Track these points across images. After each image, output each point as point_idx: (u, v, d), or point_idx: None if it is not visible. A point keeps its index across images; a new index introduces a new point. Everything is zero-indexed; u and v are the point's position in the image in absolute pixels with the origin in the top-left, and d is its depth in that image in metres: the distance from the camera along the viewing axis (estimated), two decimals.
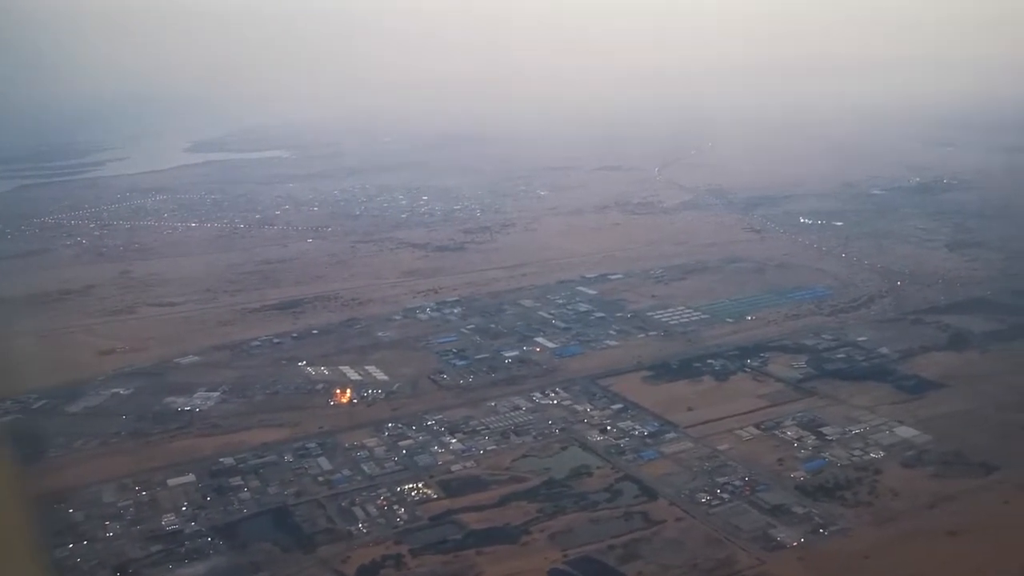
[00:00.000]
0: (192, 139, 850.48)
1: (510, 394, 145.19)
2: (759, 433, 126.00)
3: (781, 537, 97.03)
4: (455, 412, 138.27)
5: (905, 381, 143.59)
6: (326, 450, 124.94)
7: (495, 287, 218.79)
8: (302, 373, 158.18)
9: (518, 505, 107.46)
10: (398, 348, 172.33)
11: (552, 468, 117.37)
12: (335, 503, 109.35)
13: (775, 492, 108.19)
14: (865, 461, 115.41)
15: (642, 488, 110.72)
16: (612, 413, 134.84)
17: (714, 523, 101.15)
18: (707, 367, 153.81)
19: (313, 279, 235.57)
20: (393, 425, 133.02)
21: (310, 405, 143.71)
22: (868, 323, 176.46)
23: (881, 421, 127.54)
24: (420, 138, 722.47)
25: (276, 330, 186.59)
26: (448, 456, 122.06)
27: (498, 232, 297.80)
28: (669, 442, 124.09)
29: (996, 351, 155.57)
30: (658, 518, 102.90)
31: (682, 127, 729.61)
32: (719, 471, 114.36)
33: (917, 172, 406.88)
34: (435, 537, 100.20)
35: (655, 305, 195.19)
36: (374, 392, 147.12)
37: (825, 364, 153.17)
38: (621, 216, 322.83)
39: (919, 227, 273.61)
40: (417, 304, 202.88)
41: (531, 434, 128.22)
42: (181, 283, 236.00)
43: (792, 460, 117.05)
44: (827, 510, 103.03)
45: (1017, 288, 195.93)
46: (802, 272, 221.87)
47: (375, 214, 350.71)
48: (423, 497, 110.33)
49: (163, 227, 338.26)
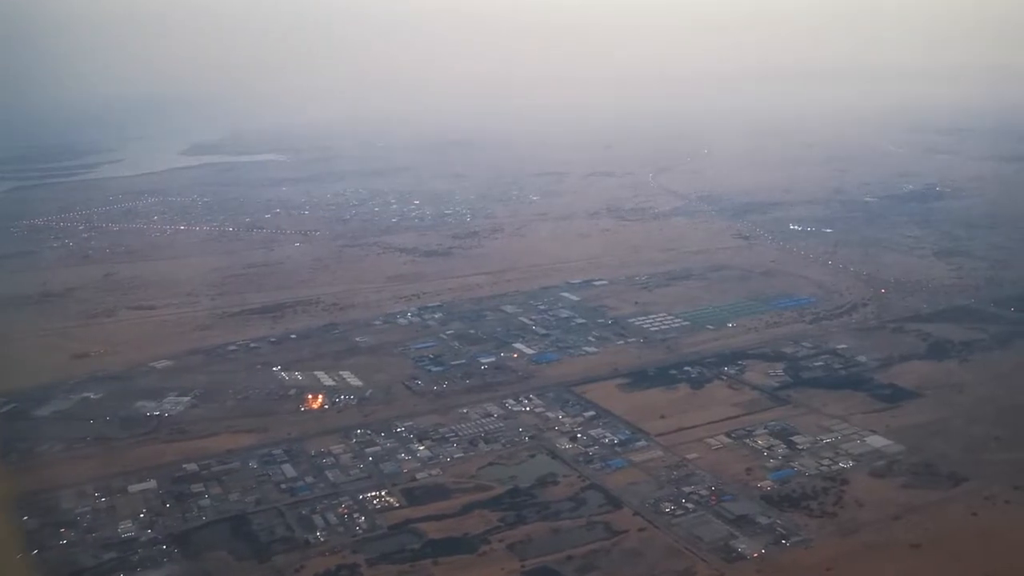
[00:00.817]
0: (189, 141, 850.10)
1: (483, 401, 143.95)
2: (730, 442, 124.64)
3: (742, 548, 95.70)
4: (426, 419, 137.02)
5: (881, 390, 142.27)
6: (291, 457, 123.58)
7: (478, 292, 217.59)
8: (276, 378, 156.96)
9: (480, 514, 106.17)
10: (375, 353, 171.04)
11: (518, 476, 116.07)
12: (295, 511, 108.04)
13: (740, 502, 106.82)
14: (834, 471, 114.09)
15: (607, 497, 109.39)
16: (584, 421, 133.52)
17: (676, 533, 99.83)
18: (683, 375, 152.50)
19: (296, 283, 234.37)
20: (362, 432, 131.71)
21: (281, 411, 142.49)
22: (849, 331, 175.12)
23: (853, 431, 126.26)
24: (416, 142, 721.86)
25: (254, 334, 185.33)
26: (414, 464, 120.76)
27: (486, 237, 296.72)
28: (638, 450, 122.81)
29: (975, 361, 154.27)
30: (620, 528, 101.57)
31: (680, 132, 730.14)
32: (686, 480, 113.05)
33: (910, 179, 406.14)
34: (393, 546, 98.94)
35: (637, 312, 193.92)
36: (346, 398, 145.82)
37: (802, 372, 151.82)
38: (611, 222, 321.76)
39: (907, 235, 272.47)
40: (398, 309, 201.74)
41: (500, 442, 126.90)
42: (163, 286, 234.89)
43: (760, 470, 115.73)
44: (791, 520, 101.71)
45: (1000, 297, 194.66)
46: (787, 280, 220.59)
47: (365, 218, 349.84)
48: (385, 505, 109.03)
49: (151, 230, 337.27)
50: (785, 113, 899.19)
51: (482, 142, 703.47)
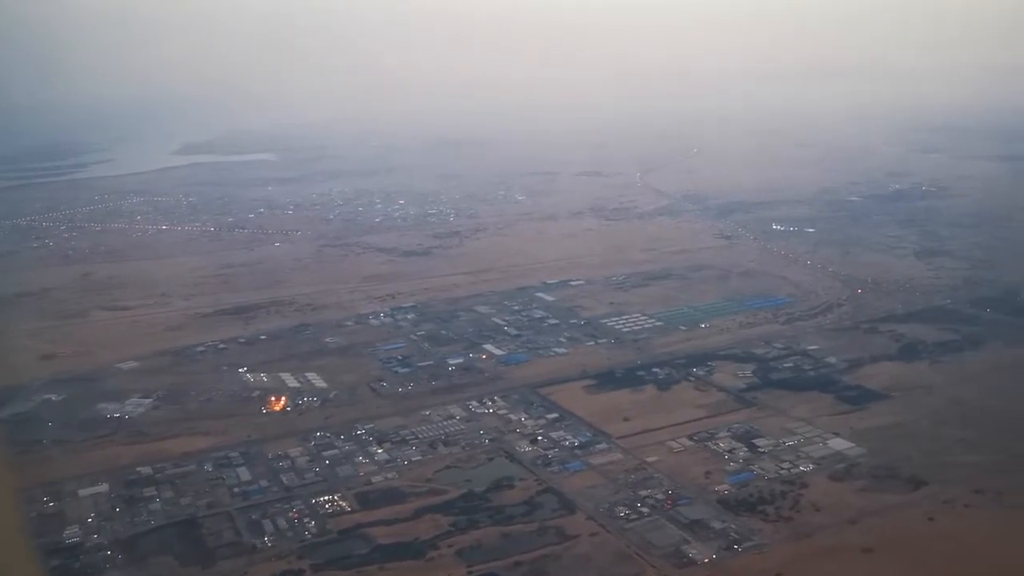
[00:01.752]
0: (182, 141, 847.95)
1: (447, 403, 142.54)
2: (691, 445, 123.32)
3: (693, 553, 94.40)
4: (388, 421, 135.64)
5: (848, 392, 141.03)
6: (248, 460, 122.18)
7: (454, 293, 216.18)
8: (240, 380, 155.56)
9: (432, 518, 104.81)
10: (343, 355, 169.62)
11: (474, 480, 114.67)
12: (245, 515, 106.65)
13: (696, 506, 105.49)
14: (793, 474, 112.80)
15: (562, 501, 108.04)
16: (546, 423, 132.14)
17: (628, 538, 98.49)
18: (651, 376, 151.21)
19: (272, 284, 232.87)
20: (321, 434, 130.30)
21: (242, 413, 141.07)
22: (821, 332, 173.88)
23: (816, 433, 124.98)
24: (411, 142, 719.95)
25: (224, 335, 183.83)
26: (371, 467, 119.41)
27: (467, 237, 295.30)
28: (598, 453, 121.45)
29: (945, 362, 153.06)
30: (572, 533, 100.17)
31: (672, 131, 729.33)
32: (643, 484, 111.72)
33: (898, 179, 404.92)
34: (340, 552, 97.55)
35: (610, 312, 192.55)
36: (309, 400, 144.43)
37: (771, 374, 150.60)
38: (594, 222, 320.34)
39: (890, 235, 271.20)
40: (371, 310, 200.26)
41: (460, 444, 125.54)
42: (139, 287, 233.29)
43: (720, 473, 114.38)
44: (746, 525, 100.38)
45: (977, 298, 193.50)
46: (765, 280, 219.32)
47: (348, 218, 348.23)
48: (337, 510, 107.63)
49: (134, 230, 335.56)
50: (783, 112, 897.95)
51: (477, 142, 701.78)
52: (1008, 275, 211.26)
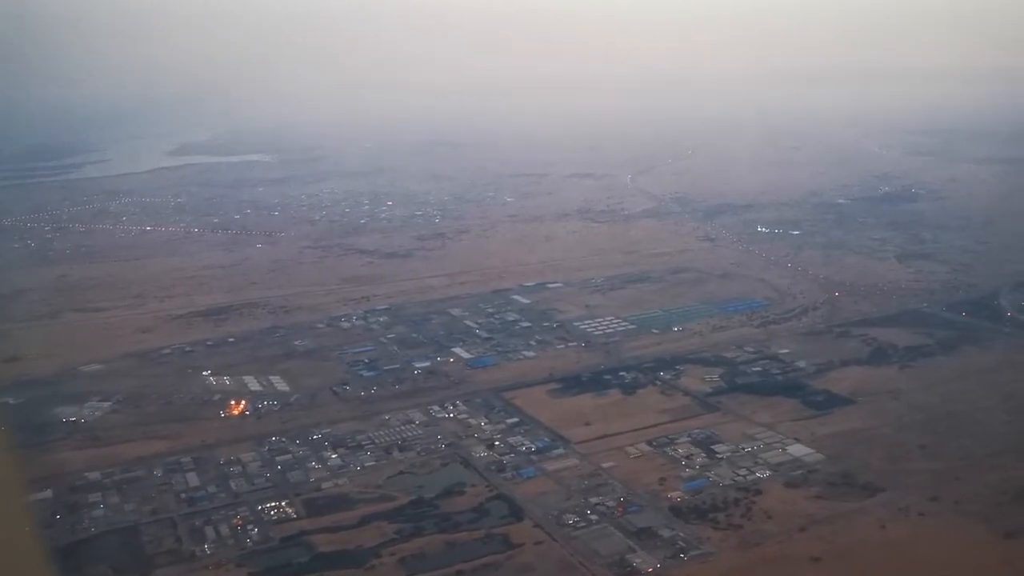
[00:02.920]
0: (178, 142, 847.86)
1: (408, 407, 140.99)
2: (650, 450, 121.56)
3: (637, 562, 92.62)
4: (346, 426, 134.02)
5: (814, 397, 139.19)
6: (199, 465, 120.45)
7: (430, 295, 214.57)
8: (203, 383, 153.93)
9: (378, 526, 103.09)
10: (310, 358, 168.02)
11: (425, 486, 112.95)
12: (189, 522, 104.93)
13: (647, 513, 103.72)
14: (749, 481, 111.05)
15: (511, 508, 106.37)
16: (505, 428, 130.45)
17: (574, 547, 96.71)
18: (617, 380, 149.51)
19: (248, 285, 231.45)
20: (276, 439, 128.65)
21: (201, 417, 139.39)
22: (794, 335, 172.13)
23: (777, 439, 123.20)
24: (406, 143, 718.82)
25: (193, 338, 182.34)
26: (323, 472, 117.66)
27: (451, 239, 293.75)
28: (554, 459, 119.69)
29: (915, 367, 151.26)
30: (517, 541, 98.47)
31: (667, 133, 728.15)
32: (596, 490, 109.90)
33: (888, 181, 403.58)
34: (280, 560, 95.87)
35: (584, 315, 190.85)
36: (269, 404, 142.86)
37: (738, 378, 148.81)
38: (579, 224, 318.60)
39: (873, 238, 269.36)
40: (344, 312, 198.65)
41: (415, 450, 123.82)
42: (115, 288, 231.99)
43: (674, 479, 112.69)
44: (695, 533, 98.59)
45: (955, 302, 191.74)
46: (744, 282, 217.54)
47: (334, 219, 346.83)
48: (282, 516, 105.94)
49: (117, 230, 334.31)
50: (780, 114, 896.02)
51: (472, 143, 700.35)
52: (987, 279, 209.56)
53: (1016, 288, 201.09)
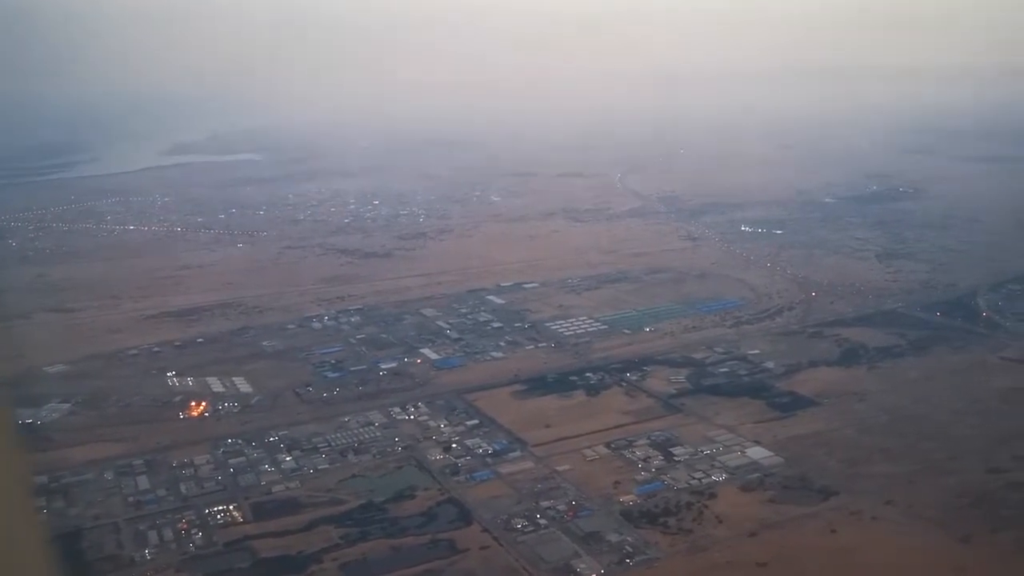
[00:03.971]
0: (172, 141, 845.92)
1: (370, 408, 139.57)
2: (607, 453, 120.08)
3: (581, 568, 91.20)
4: (304, 428, 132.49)
5: (780, 398, 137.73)
6: (151, 468, 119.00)
7: (405, 295, 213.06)
8: (165, 384, 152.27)
9: (324, 530, 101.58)
10: (277, 359, 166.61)
11: (377, 490, 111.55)
12: (133, 527, 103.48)
13: (597, 518, 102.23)
14: (704, 485, 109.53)
15: (461, 512, 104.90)
16: (464, 430, 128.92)
17: (519, 552, 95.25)
18: (583, 381, 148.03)
19: (224, 286, 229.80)
20: (232, 441, 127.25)
21: (159, 419, 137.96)
22: (766, 336, 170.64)
23: (737, 441, 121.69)
24: (401, 143, 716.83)
25: (162, 338, 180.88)
26: (275, 476, 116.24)
27: (432, 239, 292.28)
28: (510, 461, 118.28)
29: (884, 368, 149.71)
30: (463, 546, 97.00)
31: (662, 132, 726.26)
32: (548, 494, 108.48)
33: (877, 180, 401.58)
34: (220, 565, 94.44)
35: (557, 315, 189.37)
36: (230, 405, 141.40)
37: (705, 379, 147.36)
38: (563, 223, 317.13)
39: (856, 237, 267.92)
40: (316, 313, 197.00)
41: (372, 452, 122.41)
42: (90, 288, 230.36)
43: (629, 483, 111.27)
44: (643, 538, 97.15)
45: (930, 302, 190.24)
46: (721, 282, 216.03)
47: (318, 219, 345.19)
48: (228, 520, 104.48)
49: (100, 230, 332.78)
50: (776, 112, 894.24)
51: (468, 142, 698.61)
52: (966, 279, 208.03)
53: (995, 288, 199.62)
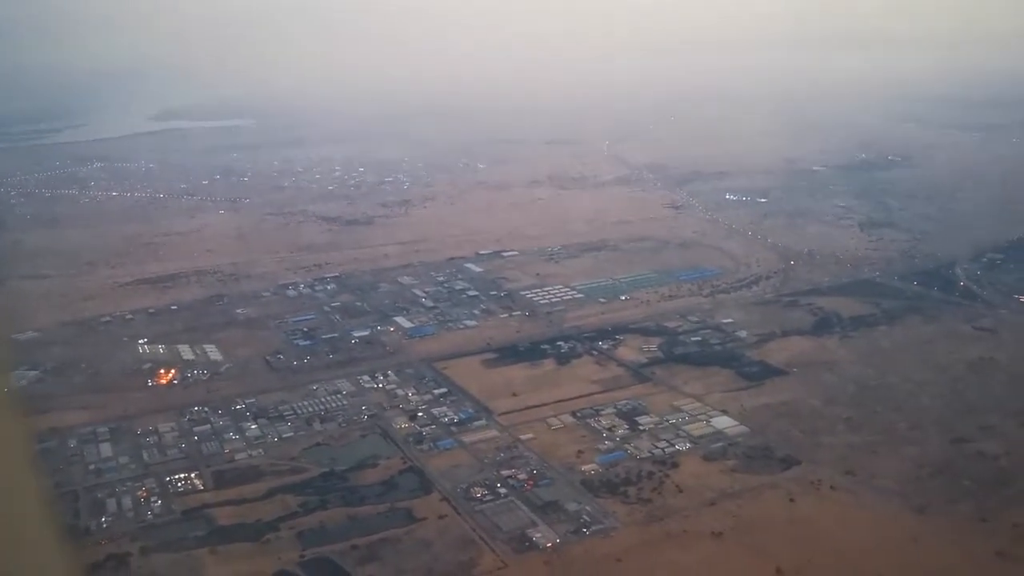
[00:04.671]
0: (164, 106, 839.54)
1: (339, 377, 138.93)
2: (573, 422, 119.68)
3: (537, 537, 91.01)
4: (272, 396, 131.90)
5: (750, 368, 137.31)
6: (115, 436, 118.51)
7: (383, 263, 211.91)
8: (136, 352, 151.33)
9: (283, 499, 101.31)
10: (250, 327, 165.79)
11: (339, 458, 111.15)
12: (91, 495, 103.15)
13: (557, 487, 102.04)
14: (667, 454, 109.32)
15: (421, 481, 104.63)
16: (432, 399, 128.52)
17: (476, 521, 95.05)
18: (554, 350, 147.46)
19: (203, 252, 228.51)
20: (199, 409, 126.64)
21: (127, 386, 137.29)
22: (741, 305, 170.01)
23: (703, 411, 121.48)
24: (395, 110, 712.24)
25: (136, 305, 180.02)
26: (239, 444, 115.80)
27: (416, 206, 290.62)
28: (475, 430, 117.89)
29: (856, 337, 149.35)
30: (421, 515, 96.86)
31: (658, 99, 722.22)
32: (509, 463, 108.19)
33: (868, 149, 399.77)
34: (176, 533, 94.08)
35: (534, 284, 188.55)
36: (199, 373, 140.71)
37: (676, 348, 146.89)
38: (547, 191, 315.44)
39: (840, 205, 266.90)
40: (292, 280, 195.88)
41: (337, 421, 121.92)
42: (68, 254, 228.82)
43: (592, 452, 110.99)
44: (602, 507, 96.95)
45: (908, 271, 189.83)
46: (701, 251, 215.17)
47: (302, 186, 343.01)
48: (188, 488, 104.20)
49: (83, 196, 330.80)
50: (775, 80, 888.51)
51: (462, 109, 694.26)
52: (946, 248, 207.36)
53: (975, 257, 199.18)
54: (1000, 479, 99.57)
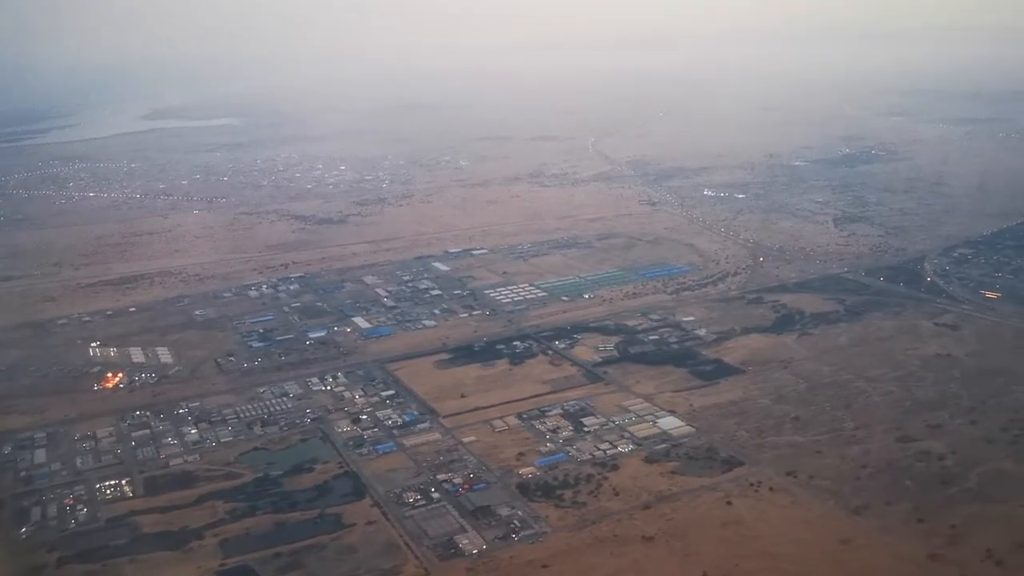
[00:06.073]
0: (155, 106, 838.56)
1: (288, 379, 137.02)
2: (517, 424, 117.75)
3: (464, 544, 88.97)
4: (218, 399, 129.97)
5: (704, 366, 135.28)
6: (51, 441, 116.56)
7: (350, 262, 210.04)
8: (87, 355, 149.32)
9: (213, 505, 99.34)
10: (206, 328, 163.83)
11: (276, 463, 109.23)
12: (17, 503, 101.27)
13: (492, 491, 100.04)
14: (608, 456, 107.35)
15: (355, 486, 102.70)
16: (378, 401, 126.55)
17: (405, 527, 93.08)
18: (509, 350, 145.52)
19: (171, 253, 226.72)
20: (140, 413, 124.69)
21: (73, 390, 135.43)
22: (704, 302, 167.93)
23: (651, 411, 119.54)
24: (384, 106, 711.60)
25: (95, 307, 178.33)
26: (176, 449, 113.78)
27: (391, 204, 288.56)
28: (417, 433, 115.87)
29: (815, 334, 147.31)
30: (349, 521, 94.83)
31: (648, 94, 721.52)
32: (447, 467, 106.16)
33: (851, 143, 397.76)
34: (96, 543, 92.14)
35: (499, 283, 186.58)
36: (147, 376, 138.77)
37: (633, 347, 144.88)
38: (525, 188, 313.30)
39: (817, 200, 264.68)
40: (256, 281, 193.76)
41: (279, 424, 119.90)
42: (34, 255, 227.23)
43: (533, 454, 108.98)
44: (535, 511, 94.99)
45: (876, 266, 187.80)
46: (671, 248, 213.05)
47: (280, 185, 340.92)
48: (118, 496, 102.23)
49: (59, 197, 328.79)
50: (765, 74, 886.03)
51: (452, 105, 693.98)
52: (918, 243, 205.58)
53: (945, 252, 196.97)
54: (943, 479, 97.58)
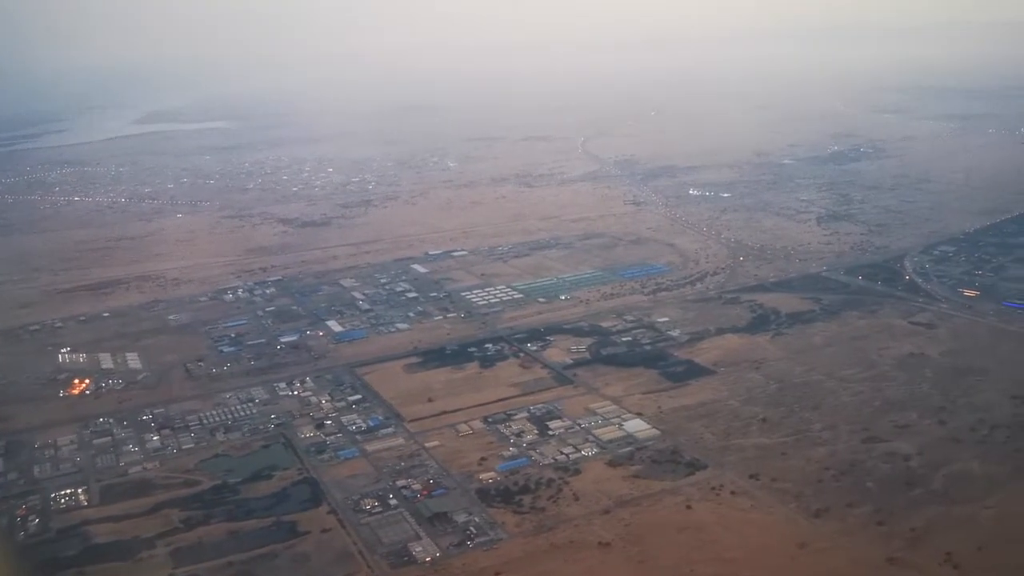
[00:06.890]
0: (148, 109, 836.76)
1: (255, 384, 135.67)
2: (482, 428, 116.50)
3: (417, 551, 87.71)
4: (183, 405, 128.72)
5: (675, 368, 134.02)
6: (10, 449, 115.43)
7: (330, 265, 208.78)
8: (55, 361, 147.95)
9: (168, 513, 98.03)
10: (178, 333, 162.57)
11: (236, 470, 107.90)
12: None
13: (450, 497, 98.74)
14: (571, 460, 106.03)
15: (313, 493, 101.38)
16: (344, 406, 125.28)
17: (360, 535, 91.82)
18: (481, 352, 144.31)
19: (151, 257, 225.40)
20: (103, 420, 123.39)
21: (39, 397, 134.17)
22: (681, 303, 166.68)
23: (618, 414, 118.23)
24: (378, 108, 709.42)
25: (69, 313, 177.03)
26: (136, 456, 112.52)
27: (376, 206, 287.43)
28: (380, 439, 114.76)
29: (790, 335, 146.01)
30: (304, 529, 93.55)
31: (641, 93, 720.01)
32: (407, 472, 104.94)
33: (840, 140, 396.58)
34: (46, 554, 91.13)
35: (477, 284, 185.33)
36: (114, 383, 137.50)
37: (605, 348, 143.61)
38: (511, 189, 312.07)
39: (802, 199, 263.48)
40: (232, 285, 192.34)
41: (243, 430, 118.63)
42: (14, 260, 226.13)
43: (495, 459, 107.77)
44: (492, 518, 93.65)
45: (856, 265, 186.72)
46: (652, 248, 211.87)
47: (267, 188, 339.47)
48: (72, 505, 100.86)
49: (45, 202, 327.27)
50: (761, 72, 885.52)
51: (446, 106, 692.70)
52: (900, 241, 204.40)
53: (926, 250, 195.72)
54: (907, 480, 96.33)
